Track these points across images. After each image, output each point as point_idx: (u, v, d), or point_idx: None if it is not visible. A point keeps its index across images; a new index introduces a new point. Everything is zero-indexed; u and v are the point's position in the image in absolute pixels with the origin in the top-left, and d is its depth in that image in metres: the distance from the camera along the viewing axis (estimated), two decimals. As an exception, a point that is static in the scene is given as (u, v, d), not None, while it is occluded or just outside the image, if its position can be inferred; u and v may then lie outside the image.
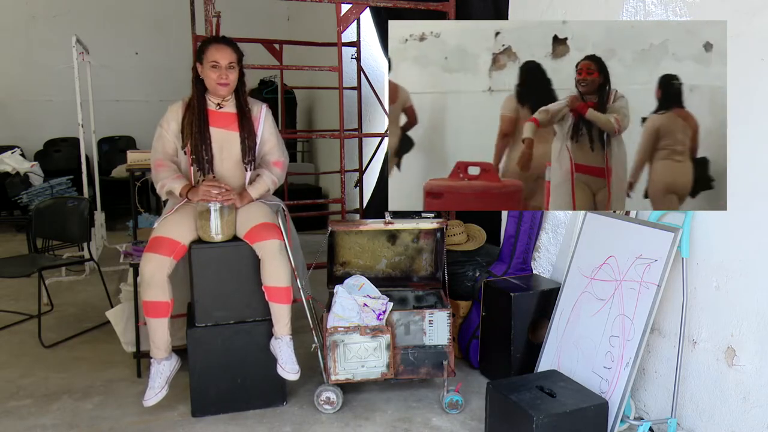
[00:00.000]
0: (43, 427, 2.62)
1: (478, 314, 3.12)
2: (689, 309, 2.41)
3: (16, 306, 4.13)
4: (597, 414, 2.27)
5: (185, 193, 2.69)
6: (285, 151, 2.96)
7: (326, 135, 4.70)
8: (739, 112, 2.19)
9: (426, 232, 3.01)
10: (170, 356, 2.66)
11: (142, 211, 4.75)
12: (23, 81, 7.69)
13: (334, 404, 2.72)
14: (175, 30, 7.53)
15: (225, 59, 2.68)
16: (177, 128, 2.76)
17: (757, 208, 2.16)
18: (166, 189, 2.73)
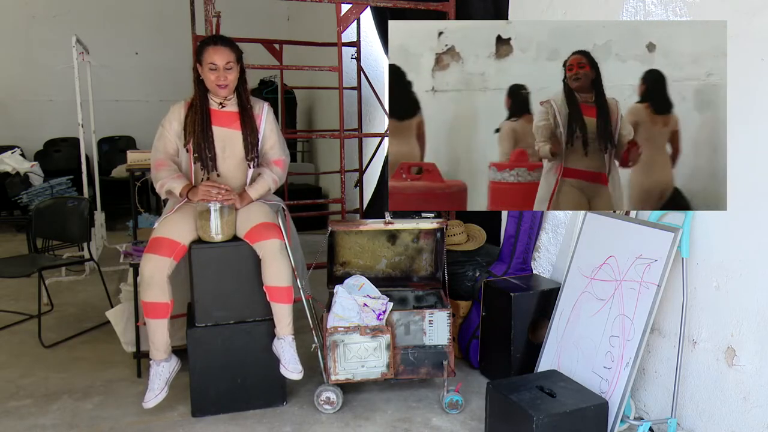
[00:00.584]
0: (43, 427, 2.62)
1: (478, 314, 3.12)
2: (689, 309, 2.41)
3: (16, 306, 4.13)
4: (597, 414, 2.27)
5: (185, 193, 2.69)
6: (286, 150, 2.96)
7: (326, 135, 4.70)
8: (739, 112, 2.19)
9: (426, 232, 3.01)
10: (170, 357, 2.66)
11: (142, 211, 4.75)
12: (23, 81, 7.69)
13: (334, 404, 2.72)
14: (175, 30, 7.52)
15: (222, 60, 2.68)
16: (179, 128, 2.76)
17: (757, 208, 2.16)
18: (165, 188, 2.72)
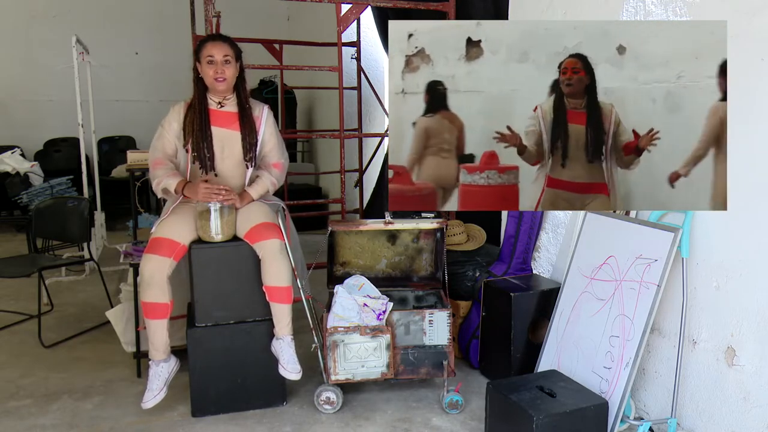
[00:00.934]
0: (43, 427, 2.62)
1: (478, 314, 3.12)
2: (689, 309, 2.41)
3: (16, 306, 4.13)
4: (597, 414, 2.27)
5: (180, 189, 2.68)
6: (285, 153, 2.96)
7: (326, 135, 4.70)
8: (739, 112, 2.19)
9: (426, 232, 3.01)
10: (169, 358, 2.66)
11: (142, 211, 4.75)
12: (23, 81, 7.70)
13: (334, 404, 2.72)
14: (175, 30, 7.52)
15: (220, 53, 2.68)
16: (178, 128, 2.76)
17: (757, 208, 2.16)
18: (161, 186, 2.72)
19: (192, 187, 2.66)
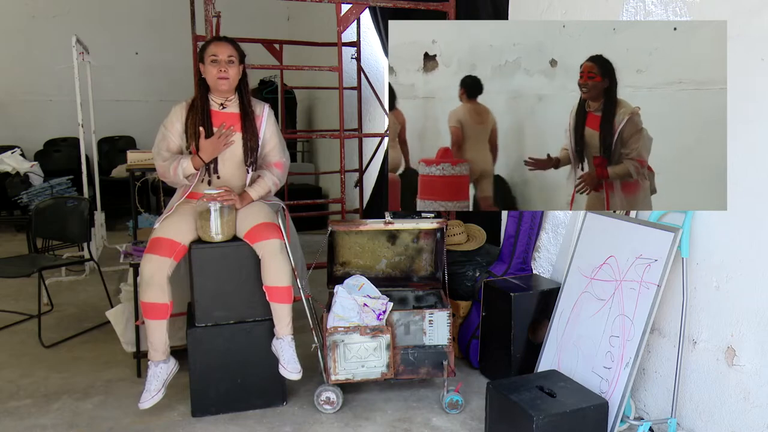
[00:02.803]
0: (43, 427, 2.62)
1: (478, 314, 3.12)
2: (689, 309, 2.41)
3: (16, 306, 4.13)
4: (597, 414, 2.27)
5: (197, 163, 2.67)
6: (286, 152, 2.96)
7: (326, 135, 4.70)
8: (739, 112, 2.19)
9: (426, 232, 3.01)
10: (168, 359, 2.65)
11: (142, 211, 4.75)
12: (23, 81, 7.70)
13: (334, 404, 2.72)
14: (175, 30, 7.53)
15: (224, 53, 2.69)
16: (181, 128, 2.76)
17: (757, 208, 2.16)
18: (181, 169, 2.68)
19: (204, 148, 2.66)
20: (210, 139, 2.67)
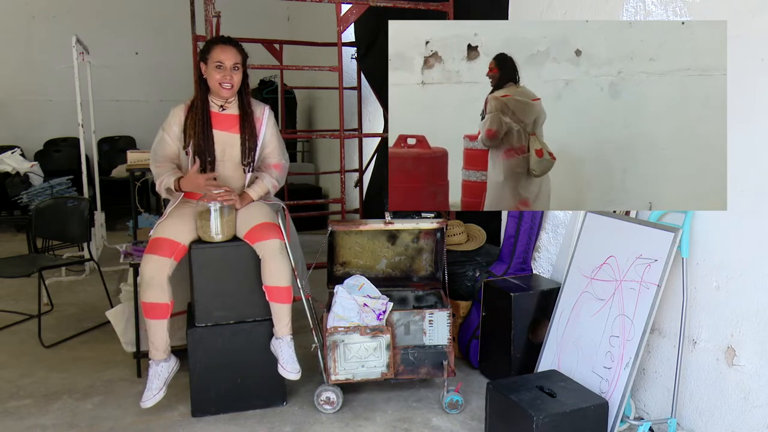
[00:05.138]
0: (43, 427, 2.62)
1: (478, 314, 3.12)
2: (689, 309, 2.41)
3: (16, 306, 4.13)
4: (597, 414, 2.27)
5: (177, 186, 2.68)
6: (286, 154, 2.96)
7: (326, 135, 4.70)
8: (739, 112, 2.19)
9: (426, 232, 3.01)
10: (169, 358, 2.66)
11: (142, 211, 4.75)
12: (23, 81, 7.70)
13: (334, 404, 2.72)
14: (175, 30, 7.53)
15: (230, 60, 2.67)
16: (179, 130, 2.75)
17: (757, 208, 2.16)
18: (164, 186, 2.72)
19: (188, 179, 2.65)
20: (199, 177, 2.63)
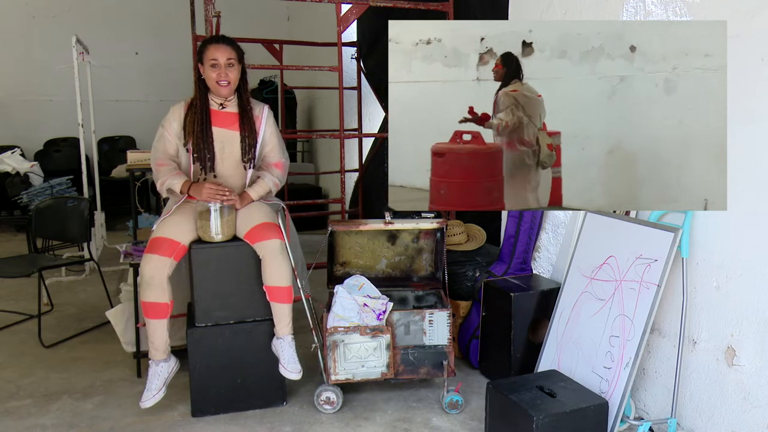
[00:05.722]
0: (43, 427, 2.62)
1: (478, 314, 3.12)
2: (689, 309, 2.41)
3: (16, 306, 4.13)
4: (597, 414, 2.27)
5: (186, 190, 2.69)
6: (286, 153, 2.96)
7: (326, 135, 4.70)
8: (739, 112, 2.19)
9: (426, 232, 3.01)
10: (168, 358, 2.66)
11: (142, 211, 4.75)
12: (23, 81, 7.70)
13: (334, 404, 2.72)
14: (175, 30, 7.53)
15: (223, 56, 2.69)
16: (179, 128, 2.76)
17: (757, 208, 2.16)
18: (166, 186, 2.73)
19: (197, 187, 2.66)
20: (208, 185, 2.64)
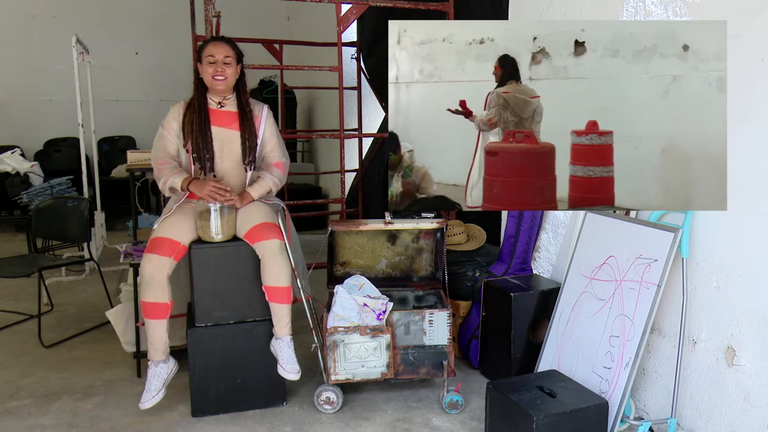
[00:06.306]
0: (43, 427, 2.62)
1: (478, 314, 3.12)
2: (689, 309, 2.41)
3: (16, 306, 4.13)
4: (597, 414, 2.27)
5: (186, 186, 2.69)
6: (286, 153, 2.96)
7: (326, 135, 4.70)
8: (739, 111, 2.19)
9: (426, 232, 3.01)
10: (168, 359, 2.65)
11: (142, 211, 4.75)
12: (23, 81, 7.70)
13: (334, 404, 2.72)
14: (174, 30, 7.53)
15: (221, 53, 2.70)
16: (178, 127, 2.77)
17: (757, 208, 2.16)
18: (168, 185, 2.73)
19: (198, 184, 2.66)
20: (207, 183, 2.64)
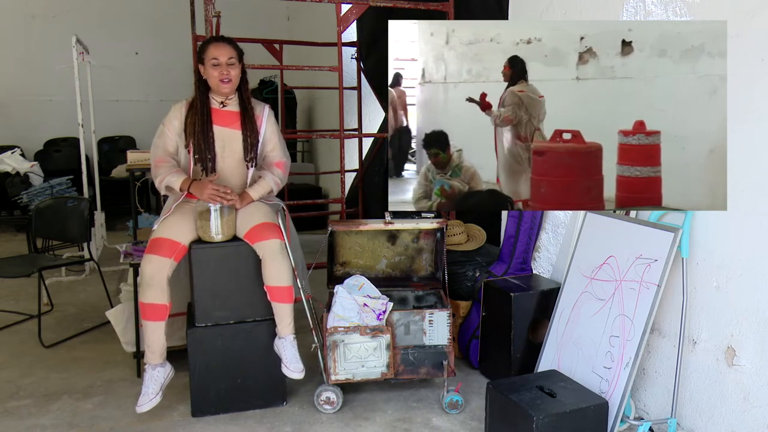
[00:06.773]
0: (43, 427, 2.62)
1: (478, 314, 3.12)
2: (689, 309, 2.41)
3: (16, 306, 4.13)
4: (597, 414, 2.27)
5: (186, 187, 2.69)
6: (287, 152, 2.96)
7: (326, 135, 4.70)
8: (739, 111, 2.19)
9: (426, 232, 3.01)
10: (164, 363, 2.64)
11: (142, 211, 4.75)
12: (23, 81, 7.70)
13: (334, 404, 2.72)
14: (174, 30, 7.53)
15: (224, 55, 2.70)
16: (180, 126, 2.76)
17: (757, 208, 2.16)
18: (164, 184, 2.72)
19: (198, 185, 2.66)
20: (208, 185, 2.64)
